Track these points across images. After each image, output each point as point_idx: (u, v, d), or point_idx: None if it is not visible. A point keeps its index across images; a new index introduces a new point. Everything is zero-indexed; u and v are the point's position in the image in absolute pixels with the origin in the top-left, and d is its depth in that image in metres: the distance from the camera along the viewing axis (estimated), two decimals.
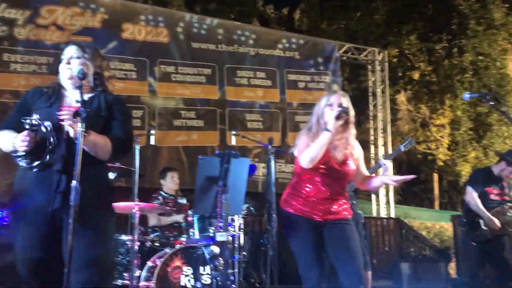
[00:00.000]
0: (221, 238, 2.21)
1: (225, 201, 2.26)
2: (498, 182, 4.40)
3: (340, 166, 2.76)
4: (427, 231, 12.33)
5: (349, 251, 2.69)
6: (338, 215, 2.76)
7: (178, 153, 7.27)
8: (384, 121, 9.30)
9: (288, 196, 2.83)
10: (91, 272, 2.10)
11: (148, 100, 7.20)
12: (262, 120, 7.88)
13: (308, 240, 2.70)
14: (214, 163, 2.43)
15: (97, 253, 2.13)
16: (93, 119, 2.23)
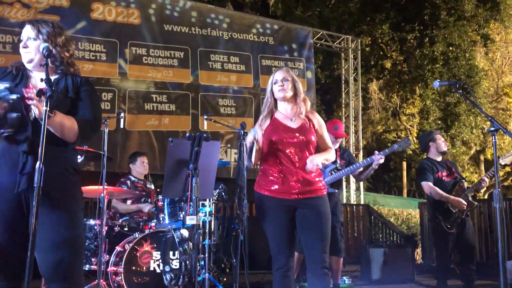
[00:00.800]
0: (191, 222, 2.17)
1: (196, 185, 2.22)
2: (442, 164, 4.55)
3: (299, 135, 2.81)
4: (395, 218, 12.61)
5: (315, 233, 2.72)
6: (310, 193, 2.77)
7: (149, 137, 7.16)
8: (356, 109, 9.39)
9: (260, 178, 2.85)
10: (61, 253, 2.06)
11: (118, 83, 7.03)
12: (235, 106, 7.82)
13: (280, 223, 2.73)
14: (184, 146, 2.38)
15: (66, 234, 2.08)
16: (60, 100, 2.17)
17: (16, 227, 2.07)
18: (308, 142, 2.83)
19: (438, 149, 4.58)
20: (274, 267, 2.75)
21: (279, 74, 2.89)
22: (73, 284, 2.11)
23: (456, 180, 4.50)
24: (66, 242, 2.09)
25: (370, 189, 18.73)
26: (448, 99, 13.42)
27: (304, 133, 2.83)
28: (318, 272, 2.68)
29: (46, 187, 1.97)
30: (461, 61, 12.41)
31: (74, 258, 2.13)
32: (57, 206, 2.10)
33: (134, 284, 3.71)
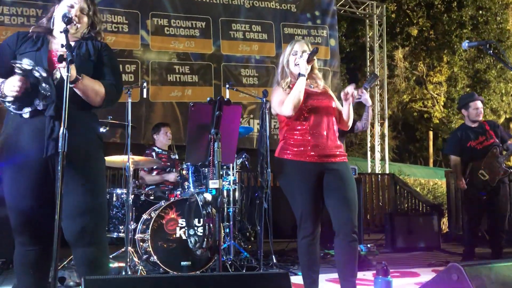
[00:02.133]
0: (214, 186, 2.18)
1: (218, 149, 2.22)
2: (476, 130, 4.42)
3: (322, 96, 2.82)
4: (421, 188, 12.46)
5: (344, 199, 2.68)
6: (335, 157, 2.74)
7: (173, 109, 7.19)
8: (381, 77, 9.19)
9: (282, 144, 2.81)
10: (85, 219, 2.09)
11: (141, 55, 7.05)
12: (257, 76, 7.75)
13: (305, 190, 2.68)
14: (205, 110, 2.37)
15: (90, 201, 2.11)
16: (83, 63, 2.18)
17: (43, 193, 2.10)
18: (330, 105, 2.81)
19: (469, 116, 4.46)
20: (300, 235, 2.72)
21: (298, 45, 2.84)
22: (98, 249, 2.15)
23: (490, 146, 4.36)
24: (90, 209, 2.12)
25: (395, 159, 18.50)
26: (477, 66, 13.00)
27: (327, 97, 2.83)
28: (348, 239, 2.65)
29: (72, 153, 2.00)
30: (491, 25, 11.94)
31: (98, 224, 2.17)
32: (82, 173, 2.12)
33: (161, 250, 3.79)
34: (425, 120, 17.51)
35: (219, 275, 1.64)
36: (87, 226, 2.12)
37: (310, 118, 2.74)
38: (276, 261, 4.35)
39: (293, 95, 2.67)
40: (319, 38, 8.17)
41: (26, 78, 2.07)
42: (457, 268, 1.76)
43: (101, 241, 2.20)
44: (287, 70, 2.85)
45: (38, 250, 2.12)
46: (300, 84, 2.68)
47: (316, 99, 2.78)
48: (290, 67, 2.84)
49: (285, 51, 2.91)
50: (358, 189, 4.20)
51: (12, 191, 2.11)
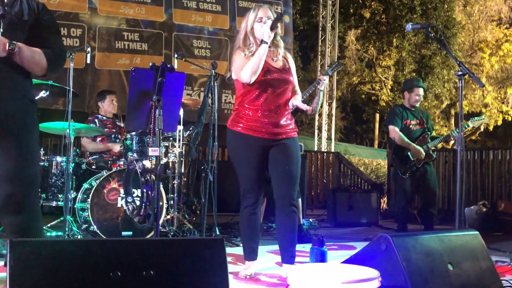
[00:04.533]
0: (154, 153, 2.15)
1: (159, 116, 2.18)
2: (413, 113, 4.67)
3: (281, 73, 2.78)
4: (364, 167, 12.91)
5: (285, 172, 2.75)
6: (284, 134, 2.79)
7: (120, 77, 6.97)
8: (332, 58, 9.32)
9: (235, 115, 2.82)
10: (15, 186, 2.00)
11: (88, 19, 6.73)
12: (210, 48, 7.64)
13: (252, 162, 2.74)
14: (148, 76, 2.31)
15: (21, 167, 2.01)
16: (16, 23, 2.04)
17: None
18: (288, 82, 2.81)
19: (409, 100, 4.67)
20: (243, 205, 2.79)
21: (263, 11, 2.77)
22: (28, 217, 2.07)
23: (423, 131, 4.62)
24: (20, 175, 2.03)
25: (342, 140, 19.02)
26: (423, 51, 13.46)
27: (285, 72, 2.81)
28: (286, 210, 2.75)
29: (4, 118, 1.90)
30: (440, 12, 12.36)
31: (28, 191, 2.08)
32: (12, 138, 2.02)
33: (102, 220, 3.72)
34: (372, 102, 18.01)
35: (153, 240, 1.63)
36: (15, 192, 2.01)
37: (265, 93, 2.73)
38: (219, 234, 4.39)
39: (253, 61, 2.63)
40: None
41: None
42: (385, 238, 1.85)
43: (32, 208, 2.11)
44: (251, 37, 2.77)
45: None
46: (262, 51, 2.63)
47: (274, 74, 2.76)
48: (256, 34, 2.75)
49: (248, 17, 2.82)
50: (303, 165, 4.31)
51: None
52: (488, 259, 2.11)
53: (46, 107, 6.12)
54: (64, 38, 6.49)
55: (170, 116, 2.41)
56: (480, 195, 6.51)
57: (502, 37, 16.00)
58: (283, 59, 2.86)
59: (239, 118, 2.78)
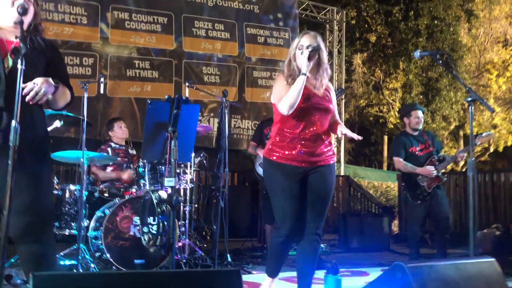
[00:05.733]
0: (169, 184, 2.19)
1: (174, 147, 2.22)
2: (417, 138, 4.64)
3: (322, 102, 2.72)
4: (374, 190, 12.84)
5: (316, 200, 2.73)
6: (322, 161, 2.73)
7: (131, 104, 7.08)
8: (339, 82, 9.40)
9: (272, 145, 2.78)
10: (31, 216, 2.03)
11: (100, 48, 6.89)
12: (219, 74, 7.75)
13: (288, 191, 2.69)
14: (163, 108, 2.37)
15: (36, 197, 2.05)
16: (37, 58, 2.12)
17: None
18: (328, 111, 2.75)
19: (410, 124, 4.67)
20: (275, 234, 2.74)
21: (305, 39, 2.70)
22: (43, 246, 2.10)
23: (429, 155, 4.60)
24: (35, 205, 2.07)
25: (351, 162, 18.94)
26: (430, 74, 13.54)
27: (326, 101, 2.75)
28: (310, 238, 2.72)
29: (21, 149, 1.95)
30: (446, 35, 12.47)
31: (43, 221, 2.12)
32: (28, 168, 2.06)
33: (114, 248, 3.74)
34: (380, 124, 18.04)
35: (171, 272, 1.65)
36: (32, 222, 2.05)
37: (304, 121, 2.68)
38: (231, 260, 4.38)
39: (290, 95, 2.58)
40: (281, 40, 8.28)
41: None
42: (400, 267, 1.85)
43: (48, 238, 2.15)
44: (294, 63, 2.72)
45: None
46: (299, 84, 2.57)
47: (315, 102, 2.70)
48: (297, 61, 2.70)
49: (293, 43, 2.78)
50: None
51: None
52: (505, 287, 2.09)
53: (58, 136, 6.22)
54: (76, 67, 6.64)
55: (185, 146, 2.46)
56: (492, 217, 6.45)
57: (508, 58, 16.06)
58: (325, 88, 2.80)
59: (275, 147, 2.74)
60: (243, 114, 7.88)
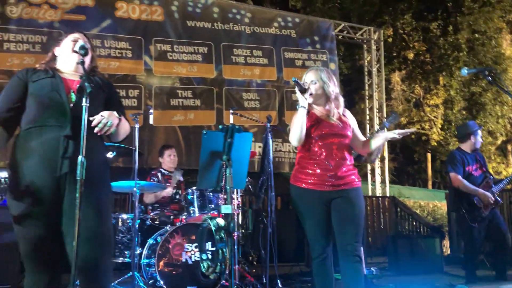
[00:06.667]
0: (226, 211, 2.23)
1: (229, 175, 2.28)
2: (472, 157, 4.50)
3: (337, 129, 2.86)
4: (420, 210, 12.49)
5: (348, 223, 2.78)
6: (346, 185, 2.82)
7: (175, 132, 7.25)
8: (379, 101, 9.32)
9: (296, 172, 2.91)
10: (91, 245, 2.10)
11: (144, 79, 7.14)
12: (259, 99, 7.85)
13: (316, 215, 2.80)
14: (217, 137, 2.45)
15: (98, 228, 2.13)
16: (96, 95, 2.25)
17: (53, 218, 2.10)
18: (345, 137, 2.89)
19: (475, 144, 4.53)
20: (312, 256, 2.86)
21: (309, 76, 2.91)
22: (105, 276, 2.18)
23: (484, 175, 4.45)
24: (97, 234, 2.15)
25: (394, 181, 18.48)
26: (473, 89, 13.20)
27: (342, 128, 2.89)
28: (351, 259, 2.75)
29: (87, 180, 2.04)
30: (487, 48, 12.18)
31: (106, 250, 2.21)
32: (91, 198, 2.14)
33: (167, 275, 3.80)
34: (423, 142, 17.63)
35: None
36: (92, 252, 2.12)
37: (323, 149, 2.82)
38: (282, 286, 4.35)
39: (293, 128, 2.77)
40: (319, 62, 8.32)
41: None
42: None
43: (108, 267, 2.23)
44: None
45: (48, 278, 2.12)
46: (298, 117, 2.75)
47: (331, 130, 2.84)
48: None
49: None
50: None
51: (21, 217, 2.09)
52: None
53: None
54: (123, 99, 6.90)
55: (239, 173, 2.51)
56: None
57: None
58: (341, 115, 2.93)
59: (300, 174, 2.87)
60: (284, 137, 7.91)
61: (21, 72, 2.29)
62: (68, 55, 2.31)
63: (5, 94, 2.22)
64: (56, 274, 2.12)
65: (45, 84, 2.14)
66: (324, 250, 2.82)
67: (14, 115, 2.17)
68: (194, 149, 7.19)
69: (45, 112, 2.12)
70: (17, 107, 2.18)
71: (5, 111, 2.16)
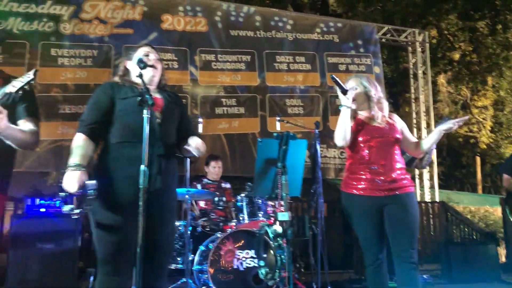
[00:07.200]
0: (283, 218, 2.25)
1: (285, 182, 2.30)
2: None
3: (383, 132, 2.84)
4: (471, 215, 12.04)
5: (403, 229, 2.73)
6: (399, 189, 2.78)
7: (220, 140, 7.35)
8: (426, 104, 9.10)
9: (347, 178, 2.89)
10: (160, 252, 2.21)
11: (190, 89, 7.30)
12: (302, 105, 7.84)
13: (368, 222, 2.78)
14: (272, 145, 2.48)
15: (168, 234, 2.24)
16: (172, 110, 2.43)
17: (134, 226, 2.15)
18: (393, 139, 2.86)
19: None
20: (366, 263, 2.82)
21: (350, 83, 2.92)
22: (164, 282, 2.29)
23: None
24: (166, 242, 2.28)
25: (442, 186, 17.90)
26: None
27: (389, 131, 2.87)
28: (407, 267, 2.71)
29: (163, 190, 2.21)
30: None
31: (168, 257, 2.34)
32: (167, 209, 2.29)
33: (220, 281, 3.85)
34: (471, 145, 17.02)
35: None
36: (161, 257, 2.24)
37: (370, 154, 2.80)
38: None
39: (337, 128, 2.78)
40: (363, 66, 8.23)
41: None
42: None
43: (166, 273, 2.33)
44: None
45: (119, 280, 2.20)
46: (341, 116, 2.76)
47: (377, 134, 2.83)
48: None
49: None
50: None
51: (107, 223, 2.17)
52: None
53: None
54: None
55: (294, 180, 2.53)
56: None
57: None
58: (387, 118, 2.93)
59: (351, 180, 2.85)
60: (329, 143, 7.85)
61: (106, 87, 2.39)
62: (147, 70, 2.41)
63: (92, 107, 2.34)
64: (125, 279, 2.19)
65: (133, 102, 2.19)
66: (378, 257, 2.78)
67: (100, 127, 2.29)
68: (238, 156, 7.26)
69: (135, 129, 2.19)
70: (103, 120, 2.30)
71: (93, 124, 2.28)
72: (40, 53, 6.63)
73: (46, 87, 6.57)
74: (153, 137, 2.20)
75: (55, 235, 4.26)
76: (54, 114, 6.42)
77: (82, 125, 2.27)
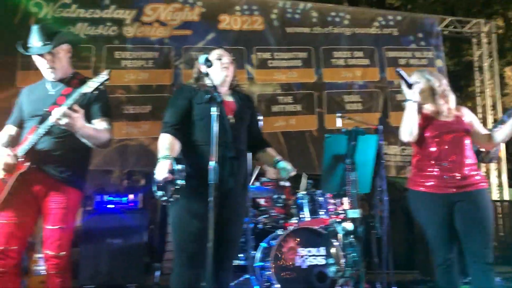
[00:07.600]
0: (354, 215, 2.21)
1: (354, 179, 2.25)
2: None
3: (452, 127, 2.74)
4: None
5: (476, 227, 2.61)
6: (470, 186, 2.67)
7: (277, 138, 7.34)
8: (493, 97, 8.63)
9: (414, 175, 2.81)
10: (230, 246, 2.28)
11: (247, 88, 7.33)
12: (361, 101, 7.67)
13: (438, 221, 2.68)
14: (341, 141, 2.43)
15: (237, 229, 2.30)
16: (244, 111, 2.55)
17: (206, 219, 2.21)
18: (461, 132, 2.74)
19: None
20: (435, 263, 2.73)
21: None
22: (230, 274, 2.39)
23: None
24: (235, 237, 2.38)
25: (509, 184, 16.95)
26: None
27: (457, 124, 2.75)
28: (481, 268, 2.59)
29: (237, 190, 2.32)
30: None
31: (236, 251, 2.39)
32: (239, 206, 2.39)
33: (282, 279, 3.84)
34: None
35: None
36: (230, 252, 2.30)
37: (439, 149, 2.71)
38: None
39: (403, 123, 2.72)
40: (425, 60, 7.93)
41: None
42: None
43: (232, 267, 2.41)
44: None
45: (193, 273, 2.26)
46: (407, 111, 2.71)
47: (444, 128, 2.74)
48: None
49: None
50: None
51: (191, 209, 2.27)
52: None
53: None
54: None
55: (363, 177, 2.47)
56: None
57: None
58: (454, 111, 2.83)
59: (418, 177, 2.76)
60: (389, 139, 7.63)
61: (184, 91, 2.52)
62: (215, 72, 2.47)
63: (174, 109, 2.46)
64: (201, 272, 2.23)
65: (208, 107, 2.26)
66: (448, 256, 2.69)
67: (182, 128, 2.40)
68: (296, 154, 7.22)
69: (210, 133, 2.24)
70: (184, 122, 2.41)
71: (175, 125, 2.39)
72: (104, 56, 6.91)
73: (111, 89, 6.83)
74: (225, 139, 2.25)
75: (123, 231, 4.43)
76: (118, 115, 6.68)
77: (166, 126, 2.38)
